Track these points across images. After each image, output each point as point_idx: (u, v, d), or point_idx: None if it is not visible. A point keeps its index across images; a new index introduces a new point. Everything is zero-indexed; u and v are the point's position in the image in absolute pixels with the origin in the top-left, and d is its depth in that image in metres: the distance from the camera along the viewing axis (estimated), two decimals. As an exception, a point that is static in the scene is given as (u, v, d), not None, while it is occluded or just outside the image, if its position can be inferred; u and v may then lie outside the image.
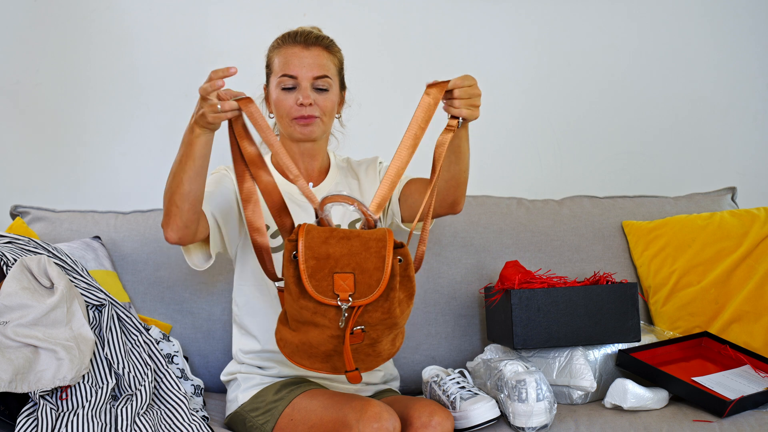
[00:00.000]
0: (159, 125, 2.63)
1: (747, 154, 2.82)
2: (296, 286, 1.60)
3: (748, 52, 2.81)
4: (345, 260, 1.59)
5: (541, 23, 2.75)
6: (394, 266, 1.60)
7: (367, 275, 1.59)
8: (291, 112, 1.94)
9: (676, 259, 2.31)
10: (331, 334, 1.61)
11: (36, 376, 1.70)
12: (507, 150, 2.76)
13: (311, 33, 1.98)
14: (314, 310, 1.60)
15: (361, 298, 1.59)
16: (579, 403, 2.00)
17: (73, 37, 2.59)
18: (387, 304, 1.60)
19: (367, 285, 1.59)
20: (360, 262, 1.59)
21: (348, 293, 1.58)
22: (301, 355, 1.66)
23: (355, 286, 1.59)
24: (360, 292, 1.59)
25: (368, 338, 1.63)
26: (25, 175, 2.59)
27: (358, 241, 1.60)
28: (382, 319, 1.61)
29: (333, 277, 1.59)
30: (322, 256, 1.59)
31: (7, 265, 1.87)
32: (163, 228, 1.82)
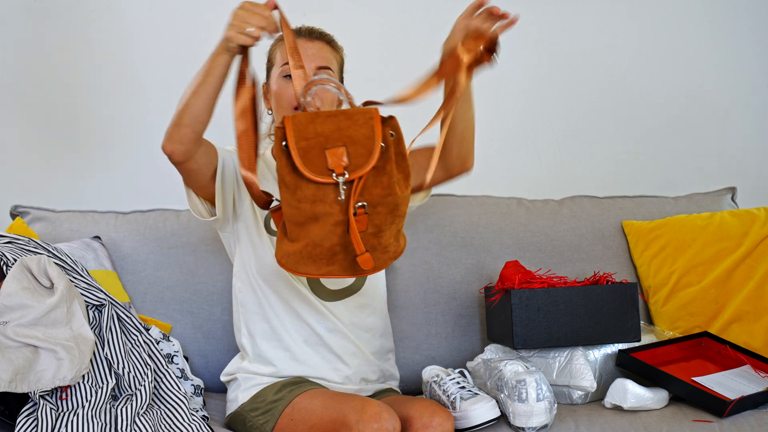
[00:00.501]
0: (159, 125, 2.61)
1: (747, 154, 2.82)
2: (291, 174, 1.58)
3: (748, 52, 2.81)
4: (335, 135, 1.58)
5: (541, 23, 2.75)
6: (386, 137, 1.59)
7: (359, 145, 1.58)
8: (292, 101, 1.94)
9: (676, 259, 2.31)
10: (334, 221, 1.58)
11: (36, 376, 1.70)
12: (507, 150, 2.76)
13: (314, 28, 2.01)
14: (313, 197, 1.57)
15: (356, 170, 1.57)
16: (579, 403, 2.00)
17: (73, 37, 2.59)
18: (385, 179, 1.58)
19: (360, 155, 1.57)
20: (350, 134, 1.58)
21: (343, 166, 1.57)
22: (306, 262, 1.61)
23: (348, 158, 1.57)
24: (355, 164, 1.57)
25: (372, 225, 1.59)
26: (25, 175, 2.59)
27: (343, 116, 1.59)
28: (383, 195, 1.58)
29: (325, 154, 1.57)
30: (311, 135, 1.58)
31: (7, 265, 1.87)
32: (164, 137, 1.81)
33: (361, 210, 1.58)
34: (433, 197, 2.39)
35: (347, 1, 2.67)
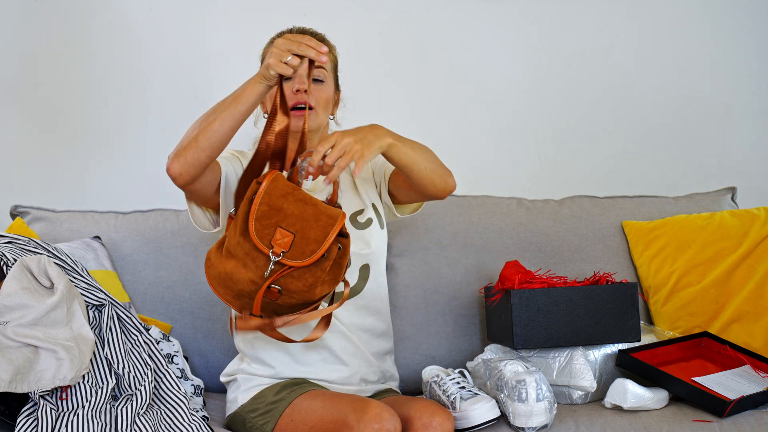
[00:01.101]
0: (159, 125, 2.63)
1: (747, 154, 2.82)
2: (243, 222, 1.68)
3: (748, 52, 2.81)
4: (293, 220, 1.68)
5: (541, 23, 2.75)
6: (332, 249, 1.69)
7: (305, 242, 1.67)
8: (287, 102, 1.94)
9: (676, 259, 2.31)
10: (252, 279, 1.67)
11: (36, 376, 1.70)
12: (507, 150, 2.76)
13: (305, 29, 2.01)
14: (248, 251, 1.67)
15: (290, 260, 1.67)
16: (579, 403, 2.00)
17: (73, 37, 2.59)
18: (311, 279, 1.68)
19: (301, 251, 1.67)
20: (305, 228, 1.68)
21: (282, 249, 1.66)
22: (219, 283, 1.71)
23: (291, 246, 1.67)
24: (292, 254, 1.67)
25: (274, 304, 1.70)
26: (25, 175, 2.59)
27: (312, 210, 1.70)
28: (301, 291, 1.68)
29: (276, 229, 1.67)
30: (276, 206, 1.68)
31: (7, 265, 1.87)
32: (170, 158, 1.82)
33: (275, 289, 1.68)
34: (433, 197, 2.39)
35: (347, 1, 2.67)
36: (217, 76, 2.62)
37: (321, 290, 1.71)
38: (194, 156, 1.79)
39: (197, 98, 2.62)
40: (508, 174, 2.74)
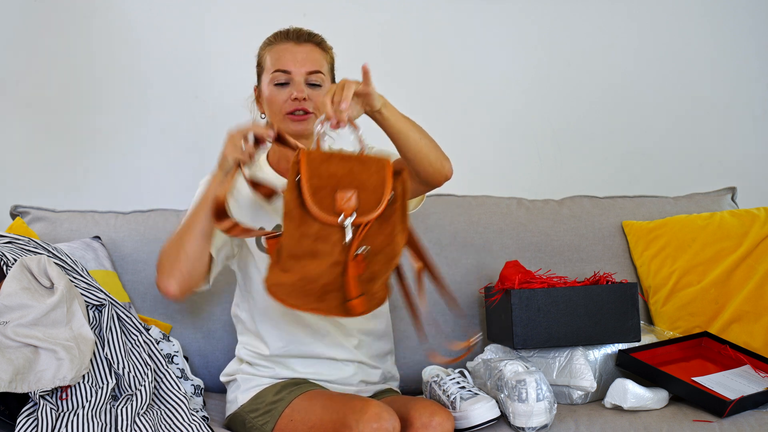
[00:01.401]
0: (159, 125, 2.63)
1: (747, 154, 2.82)
2: (299, 208, 1.59)
3: (748, 52, 2.81)
4: (347, 179, 1.60)
5: (541, 23, 2.75)
6: (396, 188, 1.62)
7: (369, 192, 1.60)
8: (284, 108, 1.93)
9: (676, 259, 2.30)
10: (333, 261, 1.59)
11: (36, 376, 1.70)
12: (507, 150, 2.76)
13: (303, 30, 1.99)
14: (316, 235, 1.59)
15: (363, 215, 1.59)
16: (579, 403, 2.00)
17: (73, 37, 2.59)
18: (389, 228, 1.61)
19: (369, 202, 1.60)
20: (362, 180, 1.60)
21: (352, 209, 1.59)
22: (296, 295, 1.62)
23: (358, 202, 1.59)
24: (363, 210, 1.59)
25: (368, 272, 1.62)
26: (25, 175, 2.59)
27: (357, 161, 1.63)
28: (385, 244, 1.61)
29: (335, 196, 1.59)
30: (324, 174, 1.60)
31: (7, 265, 1.87)
32: (161, 280, 1.81)
33: (361, 255, 1.60)
34: (434, 197, 2.39)
35: (347, 1, 2.67)
36: (217, 76, 2.62)
37: (401, 238, 1.63)
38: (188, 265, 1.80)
39: (197, 98, 2.62)
40: (508, 174, 2.74)
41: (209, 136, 2.61)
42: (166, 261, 1.81)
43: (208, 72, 2.63)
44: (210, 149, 2.60)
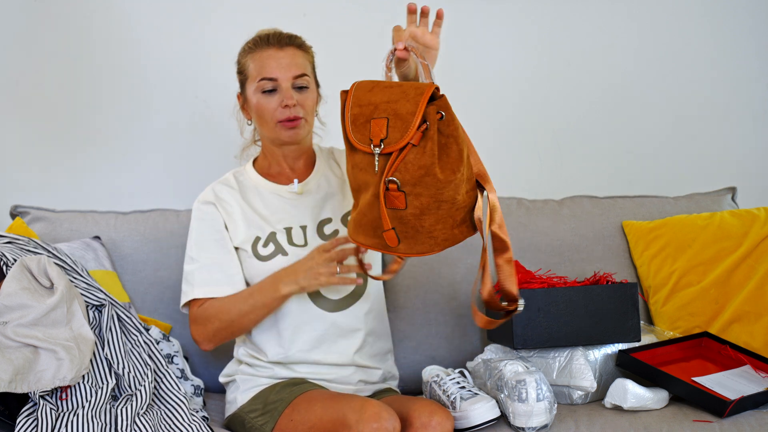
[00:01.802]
0: (159, 125, 2.63)
1: (747, 154, 2.82)
2: (345, 140, 1.61)
3: (748, 52, 2.81)
4: (383, 106, 1.57)
5: (541, 23, 2.75)
6: (429, 114, 1.54)
7: (401, 120, 1.54)
8: (275, 115, 1.92)
9: (676, 259, 2.30)
10: (374, 192, 1.57)
11: (36, 376, 1.70)
12: (507, 150, 2.76)
13: (282, 33, 1.97)
14: (360, 164, 1.58)
15: (392, 144, 1.54)
16: (579, 403, 2.00)
17: (73, 37, 2.58)
18: (423, 159, 1.53)
19: (398, 130, 1.54)
20: (396, 108, 1.55)
21: (380, 138, 1.55)
22: (358, 230, 1.63)
23: (387, 131, 1.55)
24: (392, 138, 1.54)
25: (413, 206, 1.55)
26: (25, 175, 2.59)
27: (399, 89, 1.58)
28: (420, 176, 1.53)
29: (370, 124, 1.57)
30: (364, 103, 1.59)
31: (7, 265, 1.87)
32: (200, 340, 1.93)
33: (393, 186, 1.55)
34: (433, 197, 2.39)
35: (347, 1, 2.67)
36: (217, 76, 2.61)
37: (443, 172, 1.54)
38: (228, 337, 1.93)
39: (197, 98, 2.62)
40: (508, 174, 2.74)
41: (209, 136, 2.62)
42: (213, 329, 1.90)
43: (208, 72, 2.63)
44: (210, 149, 2.62)
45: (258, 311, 1.88)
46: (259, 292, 1.88)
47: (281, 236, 1.96)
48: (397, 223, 1.58)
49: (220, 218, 1.98)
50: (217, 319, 1.90)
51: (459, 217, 1.60)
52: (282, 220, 1.97)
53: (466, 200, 1.60)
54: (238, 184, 2.03)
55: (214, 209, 1.99)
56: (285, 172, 2.02)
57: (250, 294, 1.89)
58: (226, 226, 1.98)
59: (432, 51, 1.68)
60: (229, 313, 1.89)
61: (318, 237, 1.95)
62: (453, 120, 1.57)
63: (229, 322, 1.90)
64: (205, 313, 1.92)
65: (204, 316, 1.92)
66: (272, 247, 1.95)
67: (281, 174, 2.02)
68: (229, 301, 1.91)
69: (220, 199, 1.99)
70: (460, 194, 1.58)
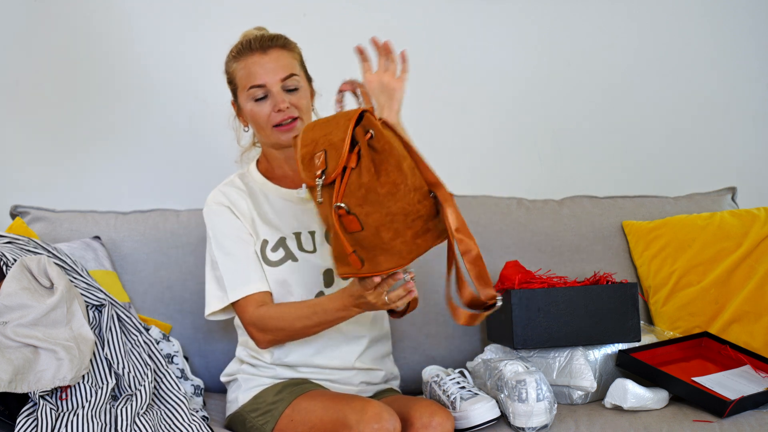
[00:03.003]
0: (159, 125, 2.63)
1: (747, 154, 2.82)
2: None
3: (748, 52, 2.81)
4: (321, 141, 1.63)
5: (541, 23, 2.75)
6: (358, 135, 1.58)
7: (335, 149, 1.59)
8: (270, 120, 1.91)
9: (676, 259, 2.30)
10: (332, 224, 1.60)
11: (36, 376, 1.70)
12: (507, 150, 2.76)
13: (264, 36, 1.95)
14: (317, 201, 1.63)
15: (331, 173, 1.59)
16: (579, 403, 2.00)
17: (73, 37, 2.58)
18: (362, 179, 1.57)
19: (334, 159, 1.59)
20: (331, 139, 1.61)
21: (321, 169, 1.61)
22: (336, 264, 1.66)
23: (326, 162, 1.60)
24: (330, 168, 1.60)
25: (368, 225, 1.58)
26: (25, 175, 2.59)
27: (333, 121, 1.64)
28: (362, 195, 1.57)
29: (313, 160, 1.63)
30: (308, 142, 1.65)
31: (7, 265, 1.87)
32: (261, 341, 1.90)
33: (342, 211, 1.59)
34: (433, 197, 2.39)
35: (347, 1, 2.66)
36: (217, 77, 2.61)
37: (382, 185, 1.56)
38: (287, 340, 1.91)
39: (197, 98, 2.62)
40: (508, 174, 2.74)
41: (209, 137, 2.61)
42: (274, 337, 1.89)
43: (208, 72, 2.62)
44: (210, 149, 2.62)
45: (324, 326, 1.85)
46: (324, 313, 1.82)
47: (291, 242, 1.94)
48: (358, 246, 1.61)
49: (234, 217, 1.96)
50: (281, 331, 1.87)
51: (418, 227, 1.61)
52: (291, 226, 1.95)
53: (420, 210, 1.61)
54: (245, 186, 2.00)
55: (227, 210, 1.96)
56: (289, 174, 2.00)
57: (314, 312, 1.83)
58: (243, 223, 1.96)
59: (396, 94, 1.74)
60: (292, 325, 1.85)
61: (327, 242, 1.94)
62: (382, 135, 1.59)
63: (292, 333, 1.87)
64: (265, 323, 1.88)
65: (263, 325, 1.88)
66: (282, 252, 1.93)
67: (285, 177, 2.01)
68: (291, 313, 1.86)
69: (232, 201, 1.97)
70: (411, 205, 1.60)
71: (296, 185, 1.98)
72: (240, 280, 1.91)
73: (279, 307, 1.88)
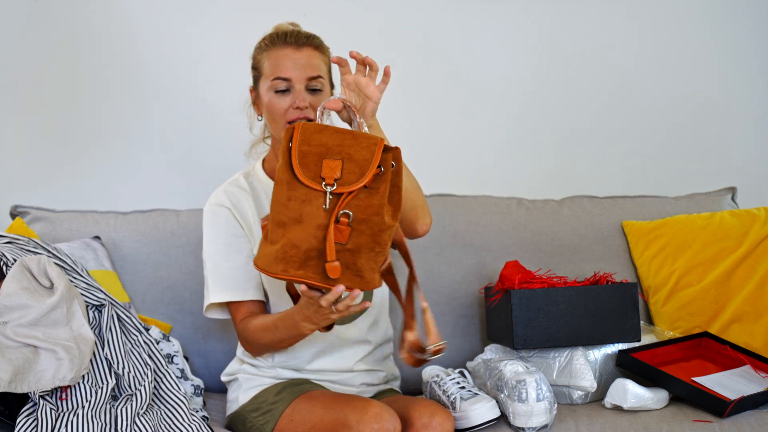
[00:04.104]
0: (159, 125, 2.63)
1: (747, 154, 2.82)
2: (288, 173, 1.62)
3: (748, 52, 2.81)
4: (336, 149, 1.62)
5: (541, 23, 2.75)
6: (385, 161, 1.62)
7: (355, 164, 1.61)
8: (286, 116, 1.89)
9: (676, 259, 2.31)
10: (317, 224, 1.59)
11: (36, 376, 1.70)
12: (507, 150, 2.76)
13: (301, 33, 1.94)
14: (303, 198, 1.61)
15: (346, 186, 1.60)
16: (579, 403, 2.00)
17: (73, 37, 2.59)
18: (376, 200, 1.61)
19: (353, 173, 1.61)
20: (350, 152, 1.62)
21: (334, 178, 1.61)
22: (277, 262, 1.61)
23: (342, 172, 1.61)
24: (346, 180, 1.61)
25: (352, 242, 1.60)
26: (25, 175, 2.59)
27: (350, 135, 1.64)
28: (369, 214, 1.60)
29: (322, 163, 1.62)
30: (314, 143, 1.63)
31: (7, 265, 1.87)
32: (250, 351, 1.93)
33: (344, 219, 1.60)
34: (434, 197, 2.39)
35: (347, 1, 2.67)
36: (217, 76, 2.62)
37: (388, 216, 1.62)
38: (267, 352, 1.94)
39: (197, 98, 2.62)
40: (508, 174, 2.74)
41: (209, 136, 2.62)
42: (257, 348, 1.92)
43: (208, 72, 2.63)
44: (210, 149, 2.62)
45: (287, 342, 1.86)
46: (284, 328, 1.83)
47: None
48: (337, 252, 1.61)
49: (235, 222, 1.95)
50: (258, 343, 1.89)
51: (380, 263, 1.65)
52: None
53: (385, 252, 1.66)
54: (250, 186, 1.99)
55: (228, 213, 1.95)
56: None
57: (275, 327, 1.84)
58: (242, 227, 1.95)
59: (370, 102, 1.74)
60: (262, 339, 1.87)
61: None
62: (399, 174, 1.65)
63: (267, 346, 1.90)
64: (246, 335, 1.90)
65: (245, 337, 1.91)
66: None
67: None
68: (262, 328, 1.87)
69: (234, 203, 1.96)
70: (389, 243, 1.66)
71: None
72: (223, 285, 1.92)
73: (257, 319, 1.89)
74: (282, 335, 1.82)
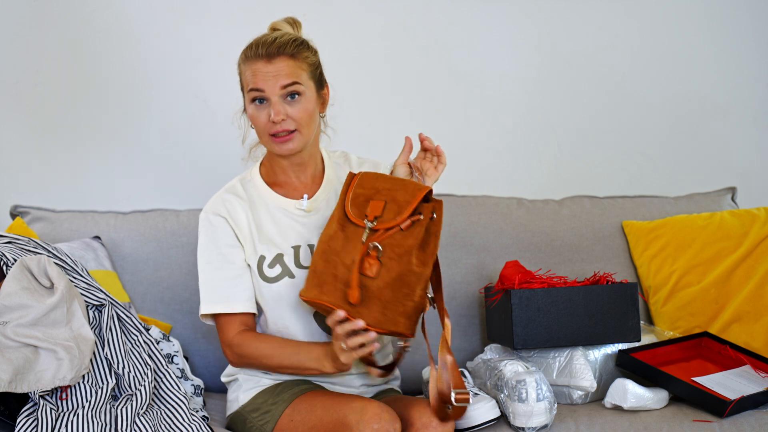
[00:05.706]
0: (159, 125, 2.63)
1: (747, 154, 2.82)
2: (341, 209, 1.81)
3: (748, 52, 2.81)
4: (383, 192, 1.80)
5: (541, 23, 2.75)
6: (425, 209, 1.77)
7: (396, 205, 1.77)
8: (267, 129, 1.86)
9: (676, 259, 2.31)
10: (353, 258, 1.74)
11: (36, 376, 1.70)
12: (507, 150, 2.76)
13: (273, 42, 1.87)
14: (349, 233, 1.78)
15: (384, 223, 1.76)
16: (579, 403, 2.00)
17: (73, 37, 2.59)
18: (409, 240, 1.74)
19: (393, 212, 1.77)
20: (395, 195, 1.79)
21: (375, 215, 1.77)
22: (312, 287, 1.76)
23: (383, 211, 1.78)
24: (385, 218, 1.77)
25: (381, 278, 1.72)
26: (25, 175, 2.59)
27: (399, 182, 1.83)
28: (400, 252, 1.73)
29: (369, 203, 1.80)
30: (367, 187, 1.82)
31: (7, 265, 1.87)
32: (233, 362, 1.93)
33: (374, 253, 1.74)
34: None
35: (347, 1, 2.67)
36: (217, 76, 2.62)
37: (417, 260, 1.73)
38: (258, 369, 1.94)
39: (197, 98, 2.62)
40: (508, 174, 2.74)
41: (209, 137, 2.62)
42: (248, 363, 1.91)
43: (208, 72, 2.63)
44: (210, 149, 2.62)
45: (299, 372, 1.87)
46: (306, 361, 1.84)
47: (288, 258, 1.91)
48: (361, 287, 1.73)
49: (231, 232, 1.93)
50: (257, 361, 1.88)
51: (408, 309, 1.73)
52: (289, 239, 1.93)
53: (417, 300, 1.74)
54: (246, 194, 1.96)
55: (224, 223, 1.93)
56: (291, 182, 1.97)
57: (296, 353, 1.85)
58: (237, 238, 1.93)
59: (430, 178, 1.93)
60: (270, 360, 1.87)
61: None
62: (438, 224, 1.78)
63: (266, 366, 1.89)
64: (242, 350, 1.88)
65: (240, 351, 1.89)
66: (279, 268, 1.91)
67: (288, 184, 1.97)
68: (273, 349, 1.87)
69: (230, 213, 1.93)
70: (418, 288, 1.74)
71: (297, 194, 1.96)
72: (215, 297, 1.91)
73: (261, 340, 1.88)
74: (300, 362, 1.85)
